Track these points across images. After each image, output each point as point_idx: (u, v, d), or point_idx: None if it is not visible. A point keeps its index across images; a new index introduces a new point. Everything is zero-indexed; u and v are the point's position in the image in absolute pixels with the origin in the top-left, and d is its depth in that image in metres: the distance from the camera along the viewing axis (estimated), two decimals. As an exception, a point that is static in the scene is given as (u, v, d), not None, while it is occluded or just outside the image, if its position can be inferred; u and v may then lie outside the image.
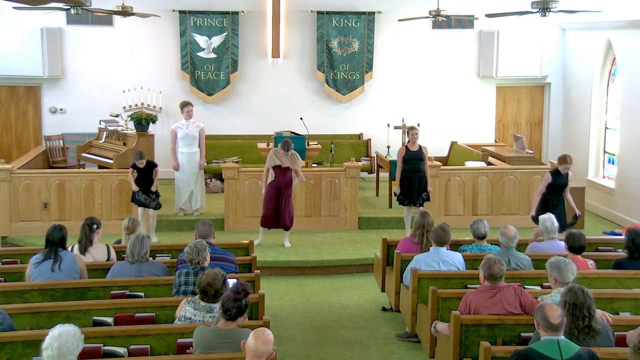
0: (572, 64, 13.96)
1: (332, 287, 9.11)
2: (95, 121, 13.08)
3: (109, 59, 13.62)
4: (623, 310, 6.00)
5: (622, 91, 12.10)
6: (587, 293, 4.81)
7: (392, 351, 7.08)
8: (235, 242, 8.26)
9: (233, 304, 4.74)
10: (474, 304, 5.60)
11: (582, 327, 4.76)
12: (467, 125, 14.22)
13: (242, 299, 4.76)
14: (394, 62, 14.15)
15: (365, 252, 9.79)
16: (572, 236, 6.58)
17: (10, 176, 10.45)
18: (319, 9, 13.85)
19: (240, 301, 4.76)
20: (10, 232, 10.48)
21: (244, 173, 10.89)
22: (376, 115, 13.98)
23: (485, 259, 5.69)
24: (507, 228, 6.78)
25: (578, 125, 13.58)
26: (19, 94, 13.69)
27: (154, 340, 5.16)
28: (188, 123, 10.92)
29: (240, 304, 4.76)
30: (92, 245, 6.94)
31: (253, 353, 4.09)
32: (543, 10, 9.62)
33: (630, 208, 11.56)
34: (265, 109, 13.95)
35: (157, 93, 13.41)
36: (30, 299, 6.08)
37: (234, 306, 4.74)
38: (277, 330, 7.37)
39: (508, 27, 13.80)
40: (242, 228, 10.78)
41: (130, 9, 10.87)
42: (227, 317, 4.76)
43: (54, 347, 3.97)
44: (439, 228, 6.90)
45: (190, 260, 6.01)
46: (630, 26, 11.57)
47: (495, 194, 11.16)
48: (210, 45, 13.72)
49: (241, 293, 4.76)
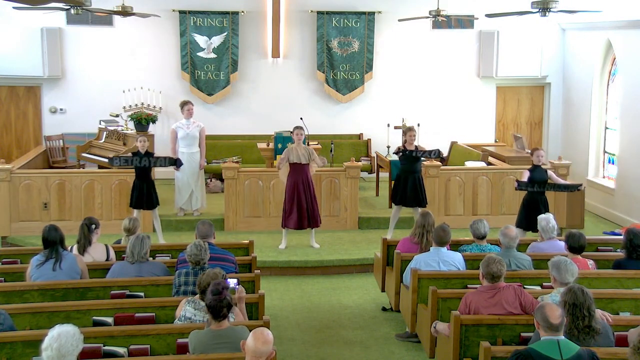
0: (572, 64, 13.96)
1: (332, 287, 9.11)
2: (95, 121, 13.07)
3: (109, 59, 13.61)
4: (623, 310, 6.00)
5: (622, 91, 12.09)
6: (586, 293, 4.81)
7: (392, 351, 7.08)
8: (235, 242, 8.27)
9: (219, 305, 4.75)
10: (474, 304, 5.60)
11: (582, 327, 4.77)
12: (467, 125, 14.22)
13: (223, 298, 4.76)
14: (394, 62, 14.15)
15: (365, 252, 9.79)
16: (572, 236, 6.58)
17: (10, 176, 10.45)
18: (319, 9, 13.85)
19: (222, 300, 4.76)
20: (10, 232, 10.48)
21: (244, 173, 10.89)
22: (376, 115, 13.99)
23: (486, 257, 5.70)
24: (508, 228, 6.78)
25: (578, 125, 13.57)
26: (19, 94, 13.69)
27: (154, 340, 5.16)
28: (188, 123, 10.92)
29: (222, 303, 4.76)
30: (90, 246, 6.93)
31: (252, 353, 4.09)
32: (543, 10, 9.62)
33: (630, 208, 11.57)
34: (265, 109, 13.96)
35: (157, 93, 13.41)
36: (30, 299, 6.08)
37: (220, 306, 4.75)
38: (277, 330, 7.38)
39: (508, 27, 13.80)
40: (242, 228, 10.78)
41: (130, 9, 10.87)
42: (218, 319, 4.78)
43: (53, 348, 3.97)
44: (439, 228, 6.91)
45: (197, 261, 5.98)
46: (630, 26, 11.57)
47: (495, 194, 11.16)
48: (210, 45, 13.72)
49: (221, 293, 4.77)
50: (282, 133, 11.61)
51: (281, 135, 11.52)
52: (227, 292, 4.82)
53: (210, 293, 4.79)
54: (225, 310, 4.77)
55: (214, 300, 4.75)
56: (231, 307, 4.86)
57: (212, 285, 4.86)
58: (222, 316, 4.78)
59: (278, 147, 11.36)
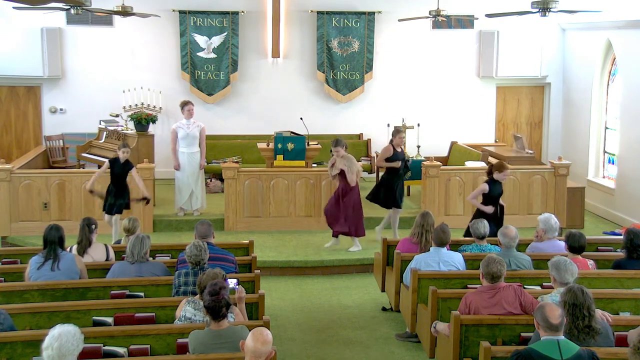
0: (572, 64, 13.95)
1: (332, 287, 9.11)
2: (95, 121, 13.07)
3: (108, 59, 13.61)
4: (623, 310, 6.00)
5: (622, 91, 12.09)
6: (586, 293, 4.81)
7: (392, 351, 7.08)
8: (235, 242, 8.27)
9: (218, 305, 4.74)
10: (474, 304, 5.60)
11: (582, 327, 4.77)
12: (467, 125, 14.22)
13: (222, 298, 4.76)
14: (394, 62, 14.15)
15: (365, 252, 9.79)
16: (572, 236, 6.58)
17: (10, 176, 10.45)
18: (319, 9, 13.85)
19: (221, 301, 4.76)
20: (10, 232, 10.48)
21: (244, 173, 10.89)
22: (376, 115, 13.98)
23: (486, 258, 5.70)
24: (507, 228, 6.78)
25: (578, 125, 13.57)
26: (19, 94, 13.69)
27: (154, 340, 5.16)
28: (189, 123, 10.92)
29: (221, 303, 4.75)
30: (90, 246, 6.93)
31: (252, 353, 4.09)
32: (543, 10, 9.62)
33: (630, 208, 11.56)
34: (265, 109, 13.95)
35: (157, 93, 13.40)
36: (30, 299, 6.08)
37: (219, 307, 4.75)
38: (277, 330, 7.38)
39: (508, 27, 13.79)
40: (242, 228, 10.79)
41: (130, 9, 10.87)
42: (219, 318, 4.78)
43: (54, 347, 3.97)
44: (439, 229, 6.90)
45: (197, 262, 5.97)
46: (630, 26, 11.57)
47: (495, 194, 11.14)
48: (210, 45, 13.72)
49: (219, 293, 4.76)
50: (282, 133, 11.60)
51: (281, 135, 11.51)
52: (225, 292, 4.81)
53: (207, 294, 4.79)
54: (224, 309, 4.77)
55: (212, 301, 4.75)
56: (230, 306, 4.86)
57: (209, 286, 4.85)
58: (222, 316, 4.78)
59: (278, 147, 11.35)
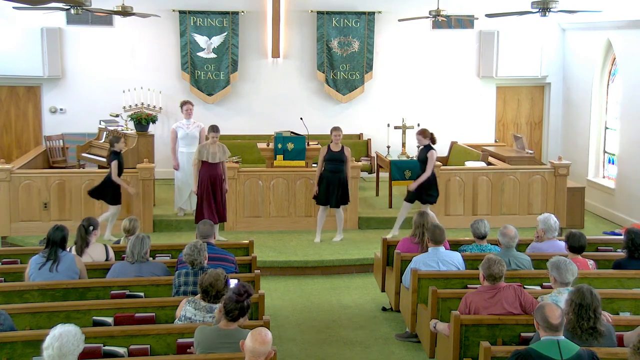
0: (572, 64, 13.96)
1: (332, 287, 9.11)
2: (95, 121, 13.06)
3: (108, 59, 13.61)
4: (623, 310, 6.00)
5: (622, 91, 12.10)
6: (595, 295, 4.79)
7: (392, 351, 7.08)
8: (235, 242, 8.27)
9: (235, 305, 4.75)
10: (474, 304, 5.60)
11: (587, 327, 4.75)
12: (467, 125, 14.22)
13: (244, 300, 4.77)
14: (394, 62, 14.15)
15: (365, 252, 9.79)
16: (572, 236, 6.58)
17: (10, 176, 10.45)
18: (319, 9, 13.85)
19: (243, 302, 4.76)
20: (10, 232, 10.48)
21: (244, 173, 10.89)
22: (376, 115, 13.98)
23: (486, 258, 5.69)
24: (507, 228, 6.78)
25: (578, 125, 13.57)
26: (19, 94, 13.69)
27: (154, 340, 5.16)
28: (189, 123, 10.92)
29: (242, 305, 4.76)
30: (88, 247, 6.93)
31: (251, 353, 4.09)
32: (543, 10, 9.62)
33: (630, 208, 11.56)
34: (265, 109, 13.95)
35: (157, 93, 13.40)
36: (30, 299, 6.08)
37: (236, 307, 4.75)
38: (277, 330, 7.38)
39: (508, 27, 13.79)
40: (242, 228, 10.79)
41: (130, 9, 10.88)
42: (229, 318, 4.77)
43: (54, 347, 3.97)
44: (434, 227, 6.90)
45: (191, 261, 5.99)
46: (630, 26, 11.57)
47: (495, 194, 11.16)
48: (210, 45, 13.72)
49: (243, 295, 4.78)
50: (282, 133, 11.60)
51: (281, 135, 11.51)
52: (249, 300, 4.81)
53: (232, 292, 4.81)
54: (236, 312, 4.76)
55: (230, 299, 4.76)
56: (244, 314, 4.83)
57: (239, 284, 4.87)
58: (232, 317, 4.77)
59: (278, 147, 11.35)
